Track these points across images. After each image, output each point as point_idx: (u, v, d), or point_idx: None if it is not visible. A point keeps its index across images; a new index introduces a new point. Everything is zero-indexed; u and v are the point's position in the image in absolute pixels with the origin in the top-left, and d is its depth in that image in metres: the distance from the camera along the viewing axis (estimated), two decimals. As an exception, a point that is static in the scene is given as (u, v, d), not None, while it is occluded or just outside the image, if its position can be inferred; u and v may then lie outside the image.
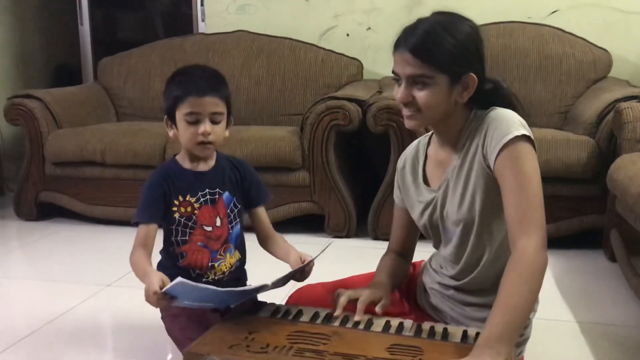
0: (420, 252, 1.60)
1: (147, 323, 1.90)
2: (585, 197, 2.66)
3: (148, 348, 1.80)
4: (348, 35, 3.64)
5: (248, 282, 1.63)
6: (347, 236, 2.92)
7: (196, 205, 1.50)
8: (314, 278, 1.48)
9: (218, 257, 1.52)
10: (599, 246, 2.67)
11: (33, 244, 2.90)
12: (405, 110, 1.30)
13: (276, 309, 1.36)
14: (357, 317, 1.27)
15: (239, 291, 1.32)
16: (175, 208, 1.49)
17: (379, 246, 2.80)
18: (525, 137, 1.22)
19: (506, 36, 3.26)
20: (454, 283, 1.40)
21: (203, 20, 3.91)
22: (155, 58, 3.68)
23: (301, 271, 1.44)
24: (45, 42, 4.68)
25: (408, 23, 1.29)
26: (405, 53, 1.25)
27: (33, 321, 1.97)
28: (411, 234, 1.52)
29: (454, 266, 1.39)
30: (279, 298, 1.51)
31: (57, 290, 2.29)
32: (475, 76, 1.27)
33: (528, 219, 1.18)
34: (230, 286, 1.53)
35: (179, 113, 1.46)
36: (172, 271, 1.51)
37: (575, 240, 2.71)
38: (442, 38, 1.23)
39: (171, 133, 1.51)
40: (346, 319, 1.28)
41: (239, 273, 1.59)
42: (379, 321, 1.28)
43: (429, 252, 1.54)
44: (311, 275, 1.47)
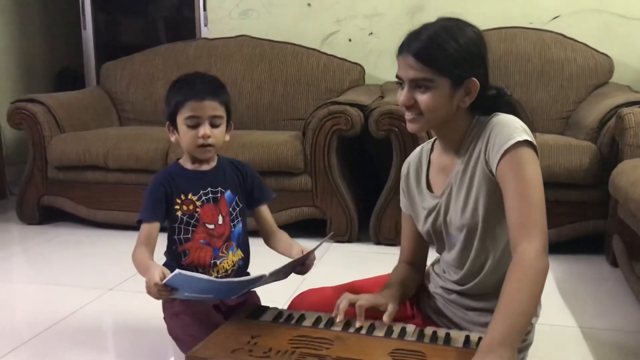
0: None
1: (149, 327, 1.90)
2: (587, 203, 2.66)
3: (150, 352, 1.80)
4: (350, 40, 3.65)
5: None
6: (349, 241, 2.92)
7: (198, 203, 1.53)
8: (317, 282, 1.48)
9: (220, 255, 1.54)
10: (601, 251, 2.67)
11: (35, 248, 2.91)
12: (407, 113, 1.31)
13: (278, 314, 1.36)
14: (358, 322, 1.27)
15: (237, 281, 1.34)
16: (177, 206, 1.52)
17: (381, 251, 2.80)
18: (527, 143, 1.22)
19: (508, 41, 3.27)
20: (457, 288, 1.40)
21: (206, 25, 3.93)
22: (158, 63, 3.69)
23: (302, 263, 1.45)
24: (48, 47, 4.69)
25: (410, 28, 1.30)
26: (408, 57, 1.26)
27: (35, 325, 1.98)
28: (421, 244, 1.51)
29: (458, 271, 1.39)
30: (282, 302, 1.51)
31: (59, 293, 2.29)
32: (477, 81, 1.27)
33: (529, 224, 1.18)
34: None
35: (180, 117, 1.50)
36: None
37: (577, 245, 2.71)
38: (445, 42, 1.24)
39: (173, 138, 1.55)
40: (348, 324, 1.29)
41: (242, 273, 1.60)
42: (382, 326, 1.28)
43: (432, 257, 1.54)
44: (313, 279, 1.47)
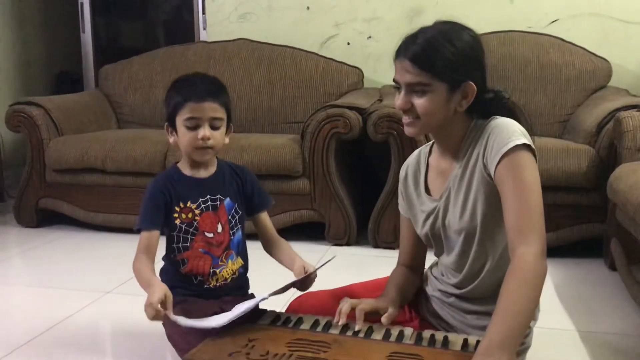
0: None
1: (147, 330, 1.89)
2: (585, 206, 2.66)
3: (148, 355, 1.79)
4: (349, 43, 3.65)
5: (250, 291, 1.63)
6: (348, 244, 2.92)
7: (197, 211, 1.50)
8: (315, 286, 1.48)
9: (220, 264, 1.52)
10: (599, 255, 2.67)
11: (33, 251, 2.90)
12: (405, 117, 1.31)
13: (276, 317, 1.36)
14: (358, 325, 1.27)
15: (239, 313, 1.30)
16: (176, 214, 1.50)
17: (380, 254, 2.80)
18: (525, 146, 1.22)
19: (506, 45, 3.27)
20: (456, 291, 1.39)
21: (205, 28, 3.93)
22: (156, 66, 3.69)
23: (302, 282, 1.44)
24: (47, 50, 4.70)
25: (408, 32, 1.30)
26: (404, 61, 1.26)
27: (33, 328, 1.97)
28: (420, 247, 1.51)
29: (456, 275, 1.39)
30: (280, 305, 1.50)
31: (57, 297, 2.29)
32: (474, 85, 1.27)
33: (528, 227, 1.18)
34: (232, 294, 1.53)
35: (179, 119, 1.47)
36: (175, 277, 1.51)
37: (575, 249, 2.71)
38: (442, 46, 1.24)
39: (172, 140, 1.53)
40: (346, 327, 1.28)
41: (242, 281, 1.59)
42: (380, 329, 1.27)
43: (431, 260, 1.54)
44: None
